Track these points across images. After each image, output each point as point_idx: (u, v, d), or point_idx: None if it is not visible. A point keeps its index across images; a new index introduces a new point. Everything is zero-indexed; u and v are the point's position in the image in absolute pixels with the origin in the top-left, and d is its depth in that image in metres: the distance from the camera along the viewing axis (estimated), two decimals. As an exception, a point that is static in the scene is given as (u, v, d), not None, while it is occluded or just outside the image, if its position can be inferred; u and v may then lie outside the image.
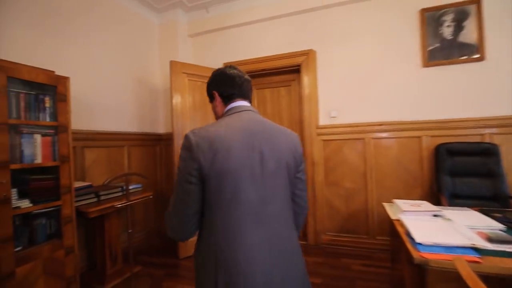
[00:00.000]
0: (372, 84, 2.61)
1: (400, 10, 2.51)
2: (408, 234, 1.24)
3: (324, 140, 2.76)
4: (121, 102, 2.75)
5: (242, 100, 0.90)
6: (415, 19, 2.47)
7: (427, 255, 1.03)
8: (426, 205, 1.59)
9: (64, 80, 1.81)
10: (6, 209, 1.48)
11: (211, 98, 0.95)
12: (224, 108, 0.91)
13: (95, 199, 2.12)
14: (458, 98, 2.36)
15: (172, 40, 3.18)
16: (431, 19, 2.43)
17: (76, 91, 2.25)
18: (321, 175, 2.76)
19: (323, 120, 2.79)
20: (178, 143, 2.53)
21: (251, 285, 0.69)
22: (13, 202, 1.54)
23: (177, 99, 2.60)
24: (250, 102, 0.93)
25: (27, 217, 1.66)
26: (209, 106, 2.80)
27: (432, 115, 2.43)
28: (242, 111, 0.86)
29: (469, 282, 0.74)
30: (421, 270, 1.04)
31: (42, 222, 1.72)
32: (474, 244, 1.04)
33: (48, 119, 1.76)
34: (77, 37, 2.32)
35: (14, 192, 1.58)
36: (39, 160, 1.70)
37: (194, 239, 0.82)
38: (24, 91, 1.64)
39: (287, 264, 0.76)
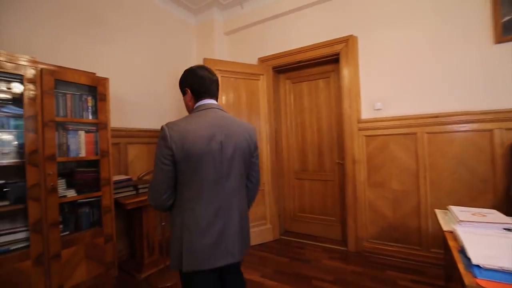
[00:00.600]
0: (426, 69, 2.22)
1: (463, -24, 2.08)
2: (462, 251, 0.98)
3: (367, 136, 2.46)
4: (160, 101, 2.91)
5: (209, 98, 1.09)
6: (485, -15, 2.01)
7: (486, 283, 0.78)
8: (495, 215, 1.26)
9: (104, 81, 1.96)
10: (54, 197, 1.66)
11: (184, 93, 1.13)
12: (195, 104, 1.09)
13: (133, 192, 2.26)
14: (548, 80, 1.84)
15: (209, 39, 3.24)
16: (507, -17, 1.95)
17: (120, 92, 2.44)
18: (363, 174, 2.47)
19: (366, 114, 2.49)
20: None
21: (206, 242, 0.96)
22: (60, 191, 1.72)
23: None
24: (217, 99, 1.13)
25: (73, 205, 1.85)
26: (242, 102, 2.77)
27: (509, 102, 1.94)
28: (209, 108, 1.06)
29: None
30: (477, 299, 0.79)
31: (86, 211, 1.90)
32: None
33: (90, 117, 1.93)
34: (118, 40, 2.51)
35: (62, 182, 1.77)
36: (83, 154, 1.87)
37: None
38: (70, 92, 1.83)
39: (235, 226, 1.03)
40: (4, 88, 1.54)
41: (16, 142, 1.58)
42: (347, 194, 2.54)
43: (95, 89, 1.92)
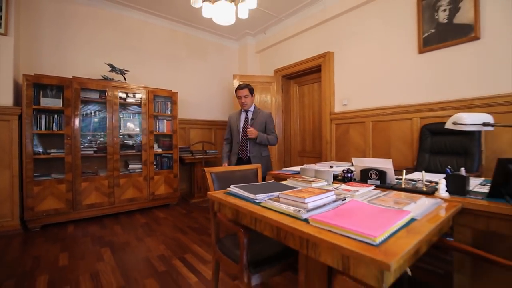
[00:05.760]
0: (376, 74, 3.00)
1: (400, 1, 2.77)
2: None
3: (336, 124, 3.39)
4: (212, 102, 4.59)
5: None
6: (413, 8, 2.66)
7: (277, 173, 1.97)
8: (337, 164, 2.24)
9: (175, 93, 3.73)
10: (151, 151, 3.52)
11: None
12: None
13: (190, 154, 4.02)
14: (451, 80, 2.42)
15: (244, 58, 4.71)
16: (427, 7, 2.57)
17: (187, 97, 4.23)
18: (333, 151, 3.42)
19: (337, 108, 3.42)
20: (235, 126, 4.04)
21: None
22: (154, 148, 3.58)
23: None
24: None
25: (160, 156, 3.71)
26: (258, 102, 4.09)
27: (424, 98, 2.58)
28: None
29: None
30: (272, 182, 1.98)
31: (165, 160, 3.74)
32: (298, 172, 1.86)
33: (168, 113, 3.74)
34: (186, 68, 4.31)
35: (155, 144, 3.64)
36: (165, 131, 3.71)
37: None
38: (160, 100, 3.67)
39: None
40: (133, 100, 3.48)
41: (139, 125, 3.52)
42: (323, 166, 3.53)
43: (170, 98, 3.72)
